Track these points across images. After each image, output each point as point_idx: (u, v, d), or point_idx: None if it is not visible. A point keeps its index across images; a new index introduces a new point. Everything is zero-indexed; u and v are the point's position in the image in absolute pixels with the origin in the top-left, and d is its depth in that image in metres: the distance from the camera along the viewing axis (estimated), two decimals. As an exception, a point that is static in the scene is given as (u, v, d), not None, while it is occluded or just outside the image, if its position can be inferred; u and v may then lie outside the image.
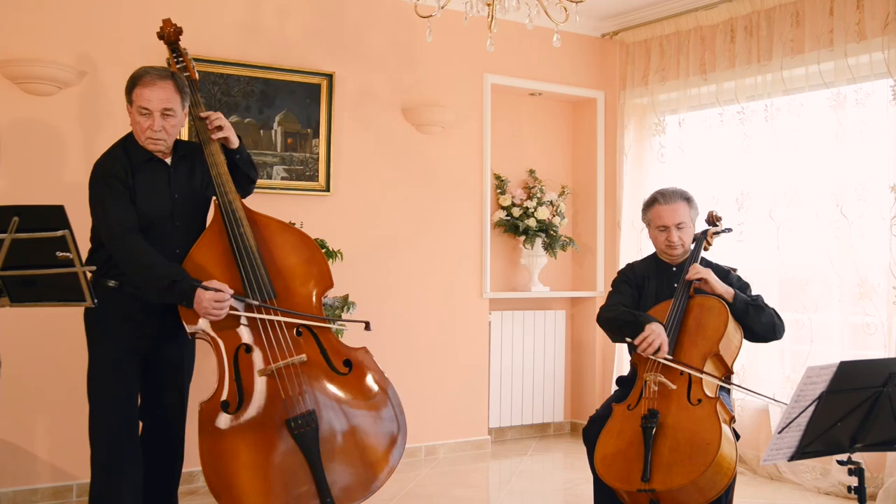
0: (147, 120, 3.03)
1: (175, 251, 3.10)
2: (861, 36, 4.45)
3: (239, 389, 3.00)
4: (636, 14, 5.68)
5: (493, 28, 3.46)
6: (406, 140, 5.25)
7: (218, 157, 3.20)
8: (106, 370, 3.11)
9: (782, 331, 3.38)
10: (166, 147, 3.13)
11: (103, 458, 3.10)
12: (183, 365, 3.32)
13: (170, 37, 3.33)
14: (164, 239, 3.08)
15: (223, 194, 3.16)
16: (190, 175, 3.22)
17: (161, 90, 3.03)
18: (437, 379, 5.30)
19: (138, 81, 3.05)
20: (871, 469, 4.28)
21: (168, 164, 3.16)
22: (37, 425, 4.19)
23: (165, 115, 3.04)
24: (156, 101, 3.02)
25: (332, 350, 3.17)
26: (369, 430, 3.12)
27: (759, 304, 3.33)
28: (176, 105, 3.07)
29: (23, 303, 2.49)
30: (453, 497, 4.45)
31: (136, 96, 3.04)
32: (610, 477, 3.07)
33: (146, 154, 3.10)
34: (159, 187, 3.12)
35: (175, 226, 3.14)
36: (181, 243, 3.13)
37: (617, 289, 3.57)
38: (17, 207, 2.33)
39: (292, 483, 2.96)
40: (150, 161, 3.11)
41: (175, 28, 3.34)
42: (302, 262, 3.23)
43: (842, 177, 4.57)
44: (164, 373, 3.25)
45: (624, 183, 5.80)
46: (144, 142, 3.07)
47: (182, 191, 3.17)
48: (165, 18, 3.38)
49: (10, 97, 4.13)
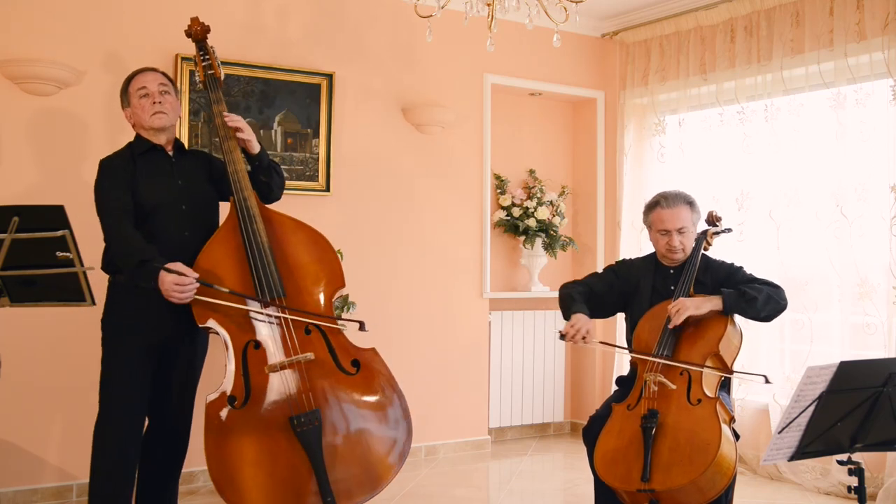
0: (147, 99, 3.21)
1: (184, 234, 3.19)
2: (861, 36, 4.45)
3: (246, 385, 3.04)
4: (636, 14, 5.68)
5: (493, 28, 3.46)
6: (406, 140, 5.25)
7: (235, 153, 3.28)
8: (118, 371, 3.14)
9: (784, 298, 3.31)
10: (169, 122, 3.26)
11: (106, 461, 3.11)
12: (195, 363, 3.36)
13: (197, 35, 3.44)
14: (171, 222, 3.18)
15: (239, 191, 3.21)
16: (195, 168, 3.34)
17: (154, 74, 3.27)
18: (437, 379, 5.29)
19: (132, 76, 3.28)
20: (871, 469, 4.28)
21: (170, 155, 3.28)
22: (37, 425, 4.19)
23: (162, 91, 3.23)
24: (152, 81, 3.23)
25: (341, 349, 3.18)
26: (374, 431, 3.13)
27: (751, 296, 3.23)
28: (169, 87, 3.28)
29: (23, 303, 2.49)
30: (453, 497, 4.45)
31: (132, 86, 3.24)
32: (610, 477, 3.07)
33: (147, 144, 3.24)
34: (162, 173, 3.23)
35: (181, 209, 3.21)
36: (190, 227, 3.21)
37: (601, 275, 3.62)
38: (17, 207, 2.33)
39: (294, 480, 2.98)
40: (151, 150, 3.24)
41: (203, 26, 3.44)
42: (314, 261, 3.26)
43: (842, 177, 4.57)
44: (176, 372, 3.28)
45: (624, 183, 5.79)
46: (150, 119, 3.20)
47: (186, 178, 3.27)
48: (194, 17, 3.47)
49: (10, 97, 4.13)
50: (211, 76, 3.40)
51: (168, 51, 4.44)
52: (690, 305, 3.23)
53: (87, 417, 3.32)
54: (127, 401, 3.13)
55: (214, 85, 3.39)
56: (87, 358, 4.07)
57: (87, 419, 3.30)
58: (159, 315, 3.12)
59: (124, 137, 4.22)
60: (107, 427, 3.14)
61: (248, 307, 3.09)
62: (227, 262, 3.13)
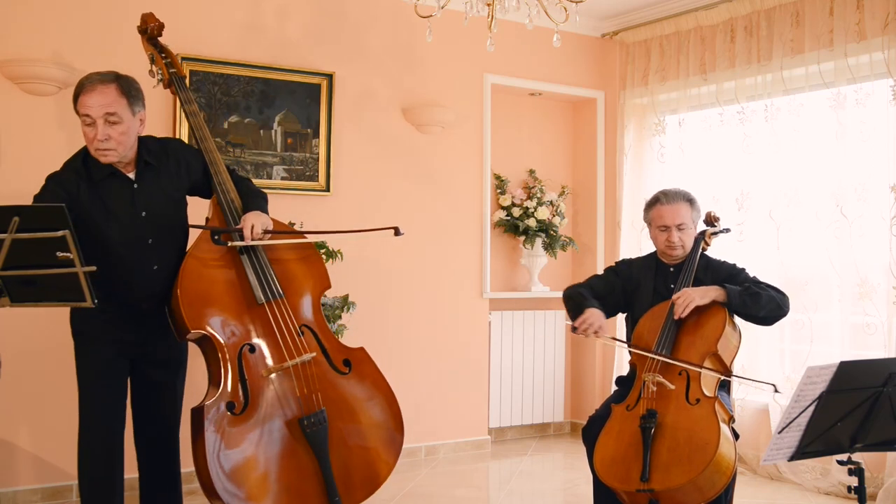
0: (91, 130, 2.79)
1: (153, 268, 2.98)
2: (861, 36, 4.45)
3: (244, 389, 2.95)
4: (636, 14, 5.68)
5: (493, 28, 3.46)
6: (406, 140, 5.25)
7: (215, 154, 3.16)
8: (90, 379, 3.02)
9: (787, 303, 3.32)
10: (119, 157, 2.87)
11: (90, 473, 3.03)
12: (169, 367, 3.17)
13: (152, 32, 3.22)
14: (136, 259, 2.95)
15: (224, 192, 3.12)
16: (158, 184, 3.00)
17: (101, 95, 2.79)
18: (437, 379, 5.30)
19: (79, 89, 2.82)
20: (871, 469, 4.28)
21: (132, 179, 2.95)
22: (37, 425, 4.19)
23: (109, 121, 2.79)
24: (95, 106, 2.78)
25: (333, 349, 3.17)
26: (370, 429, 3.14)
27: (754, 291, 3.26)
28: (121, 109, 2.81)
29: (23, 303, 2.49)
30: (453, 497, 4.45)
31: (78, 105, 2.83)
32: (609, 477, 3.07)
33: (107, 170, 2.89)
34: (122, 207, 2.91)
35: (147, 244, 2.96)
36: (159, 259, 3.00)
37: (602, 276, 3.63)
38: (17, 207, 2.33)
39: (302, 482, 2.95)
40: (110, 177, 2.90)
41: (159, 23, 3.23)
42: (300, 262, 3.21)
43: (842, 177, 4.57)
44: (153, 380, 3.13)
45: (624, 183, 5.80)
46: (95, 154, 2.84)
47: (150, 206, 2.96)
48: (146, 13, 3.25)
49: (10, 97, 4.13)
50: (174, 74, 3.19)
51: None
52: (696, 295, 3.25)
53: (87, 417, 3.32)
54: (103, 409, 3.01)
55: (182, 84, 3.20)
56: (88, 358, 4.08)
57: (87, 419, 3.30)
58: (122, 321, 3.00)
59: (124, 137, 4.25)
60: (86, 436, 3.02)
61: (249, 309, 3.04)
62: (220, 263, 3.04)
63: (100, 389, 3.03)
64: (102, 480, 3.03)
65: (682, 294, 3.26)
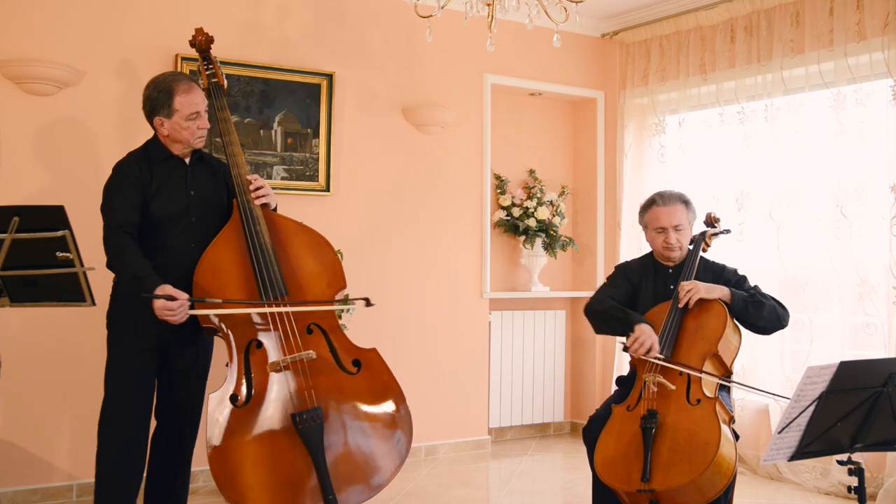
0: (196, 122, 3.22)
1: (191, 245, 3.21)
2: (861, 36, 4.45)
3: (248, 383, 3.06)
4: (636, 14, 5.68)
5: (493, 28, 3.46)
6: (406, 140, 5.25)
7: (239, 157, 3.34)
8: (122, 369, 3.15)
9: (787, 318, 3.36)
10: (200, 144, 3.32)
11: (110, 463, 3.11)
12: (199, 359, 3.35)
13: (202, 45, 3.49)
14: (180, 233, 3.21)
15: (242, 193, 3.28)
16: (207, 177, 3.35)
17: (203, 94, 3.29)
18: (437, 379, 5.30)
19: (178, 90, 3.20)
20: (871, 469, 4.28)
21: (186, 163, 3.30)
22: (37, 425, 4.18)
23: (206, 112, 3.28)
24: (202, 103, 3.25)
25: (342, 349, 3.23)
26: (375, 431, 3.16)
27: (758, 300, 3.31)
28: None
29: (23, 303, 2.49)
30: (453, 497, 4.45)
31: (182, 104, 3.19)
32: (609, 477, 3.07)
33: (165, 153, 3.25)
34: (176, 184, 3.24)
35: (191, 220, 3.24)
36: (197, 237, 3.23)
37: (613, 282, 3.58)
38: (17, 207, 2.33)
39: (296, 478, 2.99)
40: (168, 159, 3.25)
41: (207, 37, 3.50)
42: (316, 263, 3.31)
43: (842, 177, 4.57)
44: (181, 369, 3.29)
45: (624, 183, 5.79)
46: (195, 141, 3.25)
47: (198, 188, 3.29)
48: (198, 27, 3.51)
49: (10, 97, 4.13)
50: (215, 84, 3.47)
51: (168, 50, 4.44)
52: (702, 288, 3.28)
53: (87, 417, 3.32)
54: (131, 400, 3.13)
55: (218, 93, 3.46)
56: (88, 358, 4.09)
57: (87, 419, 3.30)
58: None
59: (124, 137, 4.25)
60: (109, 427, 3.14)
61: (248, 310, 3.12)
62: (230, 262, 3.18)
63: (129, 379, 3.15)
64: (125, 474, 3.13)
65: (691, 283, 3.29)
